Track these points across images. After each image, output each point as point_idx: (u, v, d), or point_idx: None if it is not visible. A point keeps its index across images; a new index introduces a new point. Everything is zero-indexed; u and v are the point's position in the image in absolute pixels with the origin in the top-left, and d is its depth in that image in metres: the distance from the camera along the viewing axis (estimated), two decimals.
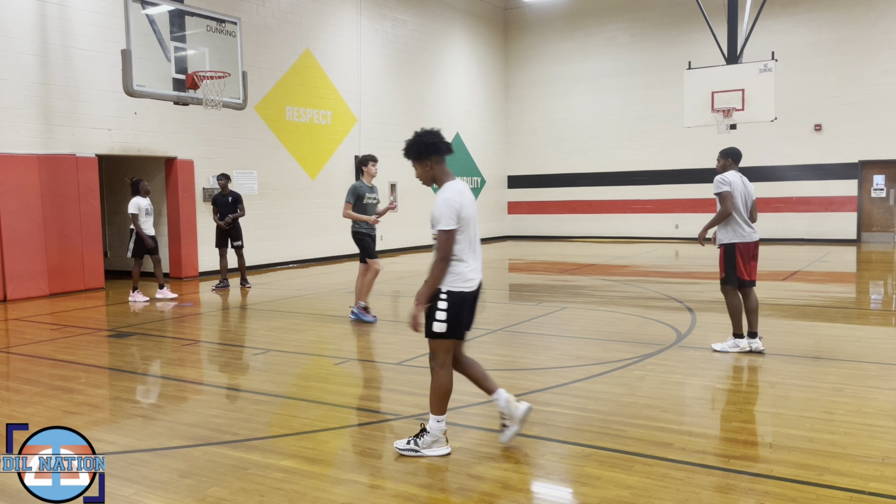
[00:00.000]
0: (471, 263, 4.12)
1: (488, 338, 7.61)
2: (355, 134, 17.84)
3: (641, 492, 3.62)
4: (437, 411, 4.17)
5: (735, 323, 6.59)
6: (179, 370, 6.60)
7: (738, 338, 6.58)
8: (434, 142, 4.13)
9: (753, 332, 6.57)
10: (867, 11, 18.65)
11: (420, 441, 4.17)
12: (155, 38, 10.25)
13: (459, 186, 4.13)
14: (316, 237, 16.70)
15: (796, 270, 13.48)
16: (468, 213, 4.07)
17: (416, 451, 4.15)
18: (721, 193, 6.45)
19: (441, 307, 4.04)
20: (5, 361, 7.08)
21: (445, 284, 4.06)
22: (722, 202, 6.44)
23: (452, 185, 4.12)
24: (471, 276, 4.10)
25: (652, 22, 21.44)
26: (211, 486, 3.79)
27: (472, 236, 4.13)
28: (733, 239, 6.47)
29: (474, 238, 4.15)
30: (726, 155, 6.76)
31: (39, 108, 11.49)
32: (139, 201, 10.95)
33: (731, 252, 6.47)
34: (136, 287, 11.03)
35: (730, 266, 6.48)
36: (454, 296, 4.05)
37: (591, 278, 12.86)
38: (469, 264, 4.10)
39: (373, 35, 18.37)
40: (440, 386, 4.15)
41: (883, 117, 18.57)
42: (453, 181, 4.16)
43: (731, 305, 6.55)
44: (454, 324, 4.06)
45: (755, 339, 6.56)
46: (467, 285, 4.08)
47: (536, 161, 23.69)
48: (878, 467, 3.87)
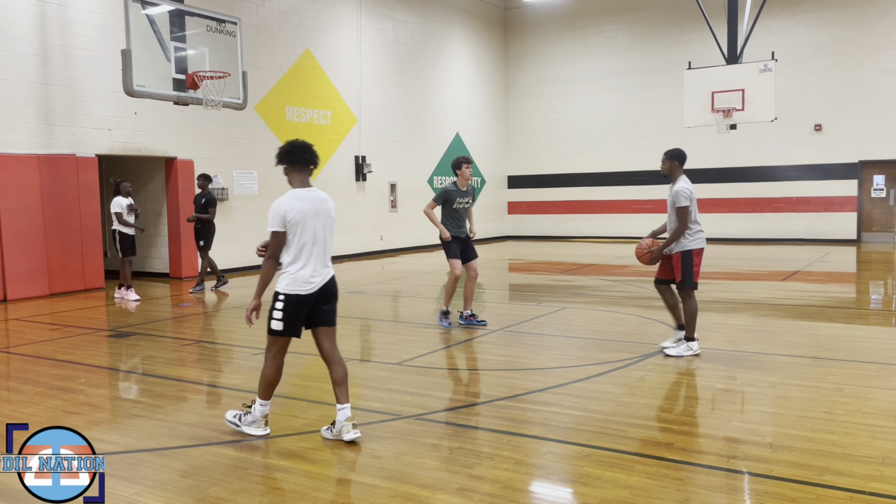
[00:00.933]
0: (309, 268, 4.35)
1: (488, 338, 7.61)
2: (355, 134, 17.84)
3: (641, 492, 3.62)
4: (262, 396, 4.52)
5: (690, 327, 6.50)
6: (179, 370, 6.60)
7: (690, 341, 6.51)
8: (288, 150, 4.48)
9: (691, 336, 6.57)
10: (867, 11, 18.65)
11: (244, 418, 4.56)
12: (155, 38, 10.25)
13: (299, 194, 4.39)
14: None
15: (796, 270, 13.48)
16: (298, 218, 4.30)
17: (237, 426, 4.56)
18: (685, 209, 6.35)
19: (277, 307, 4.35)
20: (5, 361, 7.08)
21: (282, 287, 4.35)
22: (681, 217, 6.35)
23: (292, 192, 4.41)
24: (309, 280, 4.35)
25: (652, 22, 21.44)
26: (211, 486, 3.79)
27: (309, 241, 4.35)
28: (691, 245, 6.43)
29: (315, 243, 4.37)
30: (673, 157, 6.51)
31: (39, 108, 11.49)
32: (121, 200, 11.03)
33: (688, 257, 6.43)
34: (130, 286, 11.14)
35: (688, 271, 6.43)
36: (290, 298, 4.33)
37: (591, 278, 12.86)
38: (308, 269, 4.35)
39: (373, 35, 18.37)
40: (267, 375, 4.49)
41: (883, 117, 18.57)
42: (299, 189, 4.43)
43: (692, 308, 6.48)
44: (289, 324, 4.36)
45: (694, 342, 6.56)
46: (304, 288, 4.33)
47: (536, 161, 23.69)
48: (878, 467, 3.87)
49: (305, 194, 4.42)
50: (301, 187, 4.46)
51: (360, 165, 17.90)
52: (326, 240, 4.46)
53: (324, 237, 4.43)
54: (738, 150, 20.13)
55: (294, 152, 4.48)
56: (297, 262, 4.35)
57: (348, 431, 4.35)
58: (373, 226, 18.50)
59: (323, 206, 4.47)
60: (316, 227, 4.39)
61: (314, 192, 4.49)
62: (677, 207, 6.38)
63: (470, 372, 6.43)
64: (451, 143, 21.37)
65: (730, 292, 10.75)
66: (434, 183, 20.69)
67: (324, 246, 4.43)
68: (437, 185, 20.83)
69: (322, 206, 4.46)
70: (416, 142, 19.93)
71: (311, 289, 4.36)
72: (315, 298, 4.39)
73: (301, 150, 4.48)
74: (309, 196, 4.43)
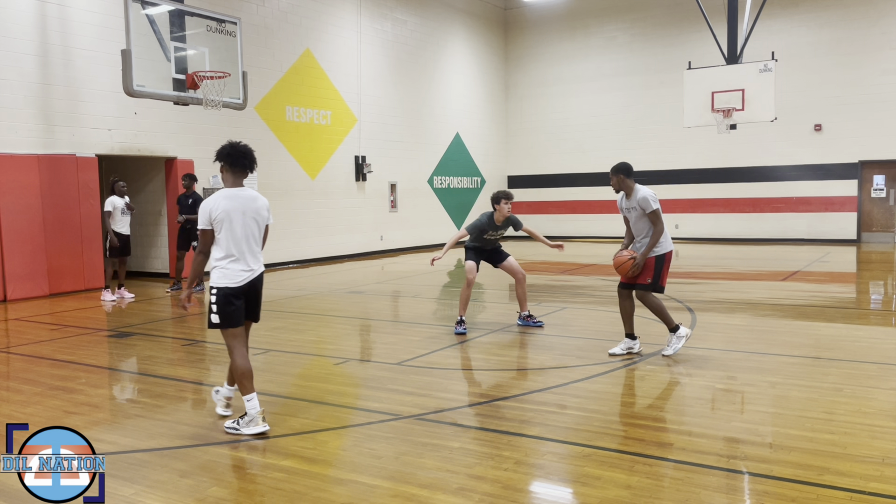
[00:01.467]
0: (239, 262, 4.61)
1: (488, 338, 7.60)
2: (355, 134, 17.84)
3: (641, 492, 3.62)
4: (243, 392, 4.61)
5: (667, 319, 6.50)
6: (179, 370, 6.60)
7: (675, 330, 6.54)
8: (229, 153, 4.72)
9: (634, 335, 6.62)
10: (867, 11, 18.65)
11: (241, 421, 4.60)
12: (155, 38, 10.25)
13: (228, 193, 4.65)
14: (316, 237, 16.70)
15: (796, 270, 13.48)
16: (223, 216, 4.56)
17: (236, 430, 4.59)
18: (657, 211, 6.36)
19: (212, 301, 4.59)
20: (5, 361, 7.08)
21: (214, 281, 4.60)
22: (656, 220, 6.35)
23: (222, 191, 4.68)
24: (239, 275, 4.60)
25: (652, 22, 21.44)
26: (211, 486, 3.79)
27: (238, 237, 4.60)
28: (665, 249, 6.44)
29: (243, 240, 4.62)
30: (618, 171, 6.47)
31: (39, 108, 11.49)
32: (115, 200, 10.99)
33: (661, 261, 6.43)
34: (108, 286, 11.17)
35: (658, 274, 6.44)
36: (221, 290, 4.57)
37: (591, 278, 12.86)
38: (237, 263, 4.61)
39: (373, 35, 18.37)
40: (236, 369, 4.63)
41: (883, 117, 18.57)
42: (230, 189, 4.69)
43: (657, 305, 6.49)
44: (224, 316, 4.58)
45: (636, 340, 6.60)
46: (234, 281, 4.59)
47: (536, 161, 23.69)
48: (878, 467, 3.87)
49: (235, 193, 4.66)
50: (232, 187, 4.71)
51: (360, 165, 17.90)
52: (256, 237, 4.70)
53: (253, 234, 4.67)
54: (738, 150, 20.13)
55: (234, 156, 4.70)
56: (227, 258, 4.59)
57: (257, 424, 4.51)
58: (373, 226, 18.50)
59: (252, 204, 4.69)
60: (245, 224, 4.63)
61: (244, 191, 4.72)
62: (650, 213, 6.36)
63: (470, 372, 6.44)
64: (451, 143, 21.37)
65: (730, 292, 10.75)
66: (434, 183, 20.70)
67: (253, 242, 4.68)
68: (437, 185, 20.86)
69: (251, 204, 4.68)
70: (416, 142, 19.93)
71: (241, 282, 4.61)
72: (246, 290, 4.65)
73: (241, 156, 4.72)
74: (238, 195, 4.66)
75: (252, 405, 4.56)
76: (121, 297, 11.10)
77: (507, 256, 8.07)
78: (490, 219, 7.73)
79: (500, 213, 7.68)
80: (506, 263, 8.01)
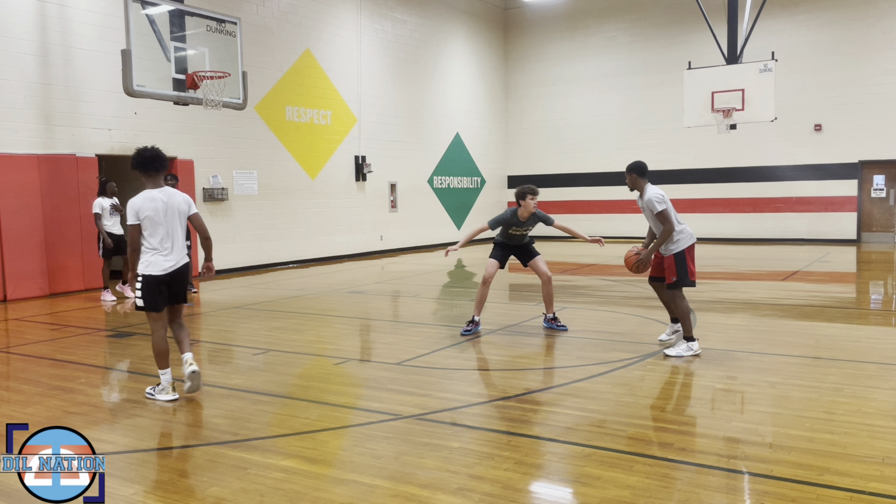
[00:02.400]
0: (163, 254, 5.32)
1: (488, 338, 7.60)
2: (355, 134, 17.84)
3: (641, 492, 3.62)
4: (159, 366, 5.42)
5: (686, 327, 6.49)
6: (179, 370, 6.59)
7: (690, 341, 6.50)
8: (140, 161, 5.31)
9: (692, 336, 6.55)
10: (867, 11, 18.65)
11: (156, 389, 5.46)
12: (155, 38, 10.24)
13: (151, 195, 5.31)
14: (316, 237, 16.70)
15: (796, 270, 13.48)
16: (150, 214, 5.26)
17: (152, 396, 5.42)
18: (663, 211, 6.35)
19: (138, 287, 5.32)
20: (5, 361, 7.08)
21: (140, 270, 5.31)
22: (664, 219, 6.34)
23: (145, 192, 5.33)
24: (162, 264, 5.31)
25: (652, 22, 21.44)
26: (211, 486, 3.79)
27: (162, 233, 5.31)
28: (683, 245, 6.42)
29: (166, 235, 5.33)
30: (632, 170, 6.57)
31: (39, 108, 11.49)
32: (102, 201, 10.88)
33: (681, 258, 6.41)
34: (107, 286, 11.13)
35: (682, 271, 6.40)
36: (146, 278, 5.30)
37: (591, 278, 12.86)
38: (161, 255, 5.32)
39: (373, 35, 18.37)
40: (154, 346, 5.42)
41: (883, 117, 18.57)
42: (151, 190, 5.33)
43: (684, 309, 6.45)
44: (148, 300, 5.32)
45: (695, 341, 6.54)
46: (157, 270, 5.30)
47: (536, 161, 23.68)
48: (878, 467, 3.87)
49: (156, 195, 5.32)
50: (153, 188, 5.35)
51: (360, 165, 17.90)
52: (178, 231, 5.40)
53: (174, 229, 5.37)
54: (738, 150, 20.13)
55: (144, 162, 5.31)
56: (151, 250, 5.32)
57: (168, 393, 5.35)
58: (373, 226, 18.50)
59: (171, 201, 5.37)
60: (167, 221, 5.33)
61: (164, 191, 5.38)
62: (656, 214, 6.40)
63: (470, 372, 6.43)
64: (451, 143, 21.36)
65: (730, 292, 10.75)
66: (434, 183, 20.70)
67: (176, 236, 5.38)
68: (437, 185, 20.85)
69: (171, 201, 5.37)
70: (416, 142, 19.92)
71: (165, 271, 5.32)
72: (169, 279, 5.36)
73: (151, 160, 5.32)
74: (159, 196, 5.33)
75: (166, 378, 5.39)
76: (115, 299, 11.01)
77: (537, 255, 7.94)
78: (514, 215, 7.60)
79: (525, 208, 7.52)
80: (532, 262, 7.90)
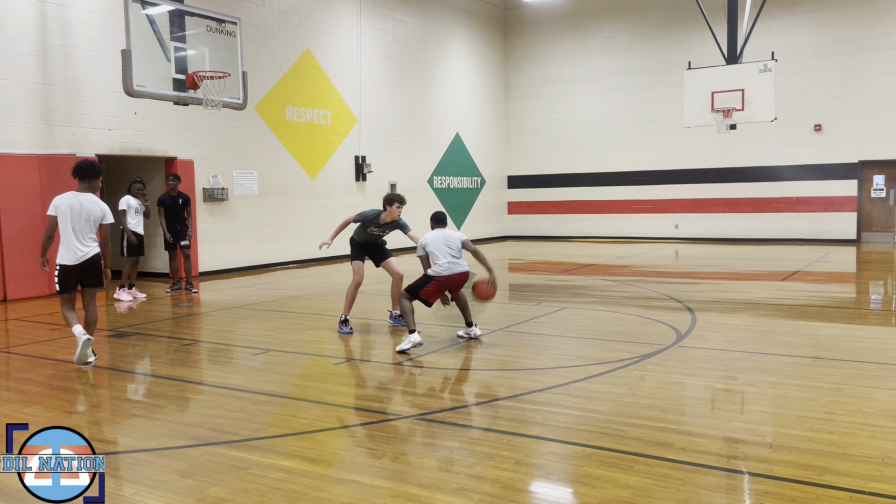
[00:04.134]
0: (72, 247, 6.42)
1: (489, 338, 7.61)
2: (355, 134, 17.84)
3: (641, 492, 3.62)
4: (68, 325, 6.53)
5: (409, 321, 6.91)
6: (179, 370, 6.60)
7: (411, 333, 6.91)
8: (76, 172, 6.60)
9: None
10: (867, 11, 18.65)
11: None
12: (155, 38, 10.24)
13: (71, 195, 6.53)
14: (316, 237, 16.58)
15: (796, 270, 13.48)
16: (63, 210, 6.44)
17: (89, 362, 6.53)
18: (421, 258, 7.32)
19: (56, 273, 6.52)
20: (5, 361, 7.08)
21: (58, 259, 6.48)
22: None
23: (69, 192, 6.58)
24: (73, 254, 6.44)
25: (652, 22, 21.44)
26: (211, 486, 3.79)
27: (70, 228, 6.42)
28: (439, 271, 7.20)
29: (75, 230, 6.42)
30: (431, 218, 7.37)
31: (39, 108, 11.49)
32: (129, 199, 11.06)
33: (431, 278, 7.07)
34: (133, 284, 11.20)
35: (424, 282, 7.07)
36: (61, 266, 6.51)
37: (591, 278, 12.86)
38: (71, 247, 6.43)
39: (373, 35, 18.37)
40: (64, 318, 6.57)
41: (883, 117, 18.57)
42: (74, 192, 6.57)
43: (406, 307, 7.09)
44: (62, 285, 6.52)
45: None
46: (68, 259, 6.45)
47: (536, 161, 23.69)
48: (878, 467, 3.87)
49: (75, 196, 6.52)
50: (79, 192, 6.56)
51: (360, 165, 17.90)
52: (86, 229, 6.47)
53: (82, 227, 6.45)
54: (738, 150, 20.14)
55: (77, 172, 6.59)
56: (64, 241, 6.45)
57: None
58: None
59: (87, 205, 6.50)
60: (75, 219, 6.45)
61: (82, 195, 6.54)
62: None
63: (470, 372, 6.43)
64: (451, 143, 21.36)
65: (730, 292, 10.75)
66: (434, 183, 20.69)
67: (82, 233, 6.45)
68: (437, 185, 20.85)
69: (86, 205, 6.49)
70: (416, 142, 19.92)
71: (75, 261, 6.45)
72: (80, 268, 6.48)
73: (80, 171, 6.59)
74: (76, 198, 6.51)
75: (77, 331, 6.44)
76: (133, 298, 11.08)
77: (390, 256, 8.46)
78: (377, 216, 7.99)
79: (389, 214, 7.95)
80: (385, 263, 8.41)
